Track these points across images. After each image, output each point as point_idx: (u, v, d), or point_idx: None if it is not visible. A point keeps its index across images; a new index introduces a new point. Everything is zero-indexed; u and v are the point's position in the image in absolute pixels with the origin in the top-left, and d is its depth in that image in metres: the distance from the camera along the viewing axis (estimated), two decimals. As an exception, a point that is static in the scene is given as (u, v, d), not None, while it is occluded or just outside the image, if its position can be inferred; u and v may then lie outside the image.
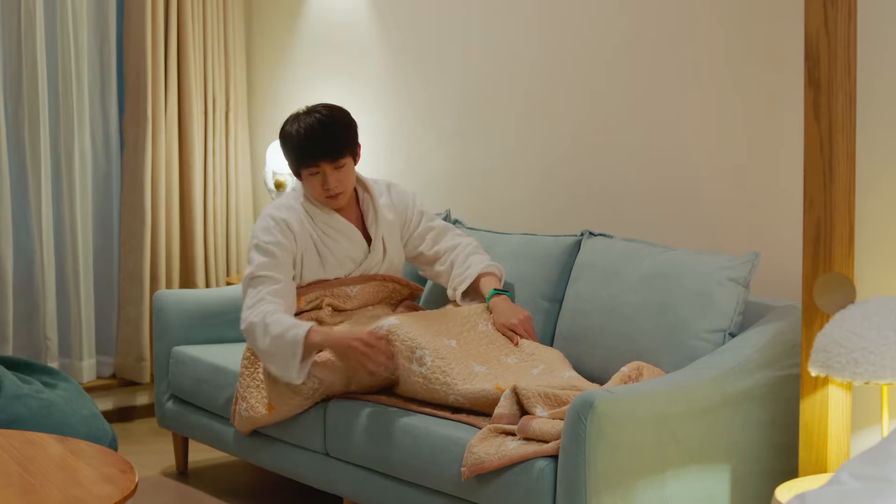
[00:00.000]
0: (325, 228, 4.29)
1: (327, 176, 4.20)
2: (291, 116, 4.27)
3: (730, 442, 3.48)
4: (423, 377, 3.84)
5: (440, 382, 3.81)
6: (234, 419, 4.34)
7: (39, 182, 5.49)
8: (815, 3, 3.19)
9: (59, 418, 4.39)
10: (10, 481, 3.29)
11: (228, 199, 5.99)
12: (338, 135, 4.19)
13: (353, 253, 4.33)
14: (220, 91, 5.93)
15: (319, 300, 4.26)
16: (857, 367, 2.97)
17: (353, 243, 4.33)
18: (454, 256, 4.39)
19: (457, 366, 3.85)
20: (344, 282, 4.31)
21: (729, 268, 3.74)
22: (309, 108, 4.26)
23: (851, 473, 2.33)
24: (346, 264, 4.33)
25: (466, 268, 4.33)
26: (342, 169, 4.22)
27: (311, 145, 4.18)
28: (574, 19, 4.63)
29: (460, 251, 4.39)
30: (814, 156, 3.23)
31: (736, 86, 4.10)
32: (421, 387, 3.86)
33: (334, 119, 4.22)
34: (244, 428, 4.31)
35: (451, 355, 3.88)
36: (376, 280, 4.36)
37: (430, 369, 3.84)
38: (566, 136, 4.69)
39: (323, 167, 4.19)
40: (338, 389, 4.08)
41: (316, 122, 4.19)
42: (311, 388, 4.08)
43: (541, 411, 3.52)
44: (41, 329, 5.57)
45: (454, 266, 4.37)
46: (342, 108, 4.31)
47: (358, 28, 5.56)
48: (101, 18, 5.72)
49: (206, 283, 5.88)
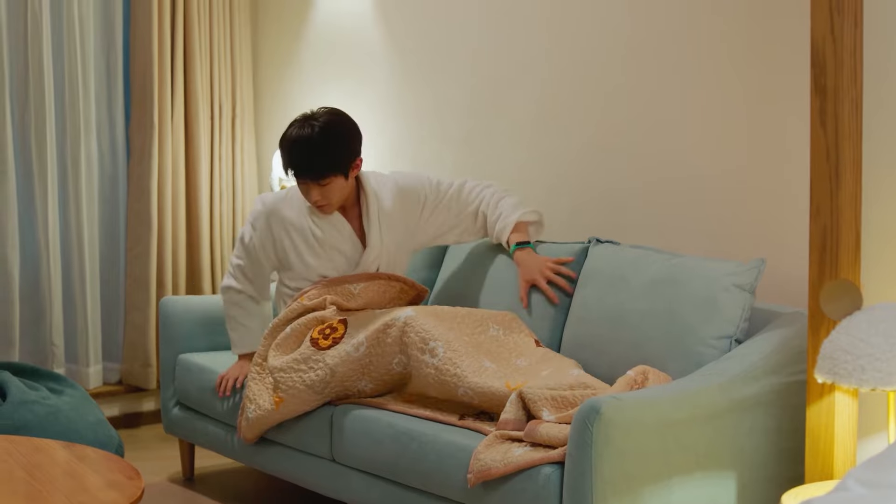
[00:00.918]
0: (315, 218, 4.36)
1: (311, 191, 4.27)
2: (295, 119, 4.32)
3: (736, 448, 3.47)
4: (435, 368, 3.85)
5: (450, 374, 3.82)
6: (241, 427, 4.33)
7: (46, 188, 5.50)
8: (822, 10, 3.19)
9: (66, 424, 4.39)
10: (16, 487, 3.29)
11: (235, 206, 5.99)
12: (320, 159, 4.22)
13: (340, 245, 4.37)
14: (227, 97, 5.94)
15: (323, 298, 4.28)
16: (864, 373, 2.96)
17: (341, 236, 4.37)
18: (483, 208, 4.49)
19: (467, 358, 3.86)
20: (347, 279, 4.34)
21: (735, 274, 3.74)
22: (309, 116, 4.30)
23: (858, 480, 2.33)
24: (335, 257, 4.37)
25: (497, 217, 4.43)
26: (327, 186, 4.26)
27: (294, 163, 4.26)
28: (581, 25, 4.63)
29: (487, 201, 4.48)
30: (820, 163, 3.23)
31: (742, 92, 4.10)
32: (433, 378, 3.87)
33: (325, 138, 4.23)
34: (251, 433, 4.30)
35: (463, 348, 3.89)
36: (381, 279, 4.38)
37: (442, 360, 3.85)
38: (573, 143, 4.69)
39: (306, 182, 4.26)
40: (350, 384, 4.07)
41: (304, 140, 4.23)
42: (322, 380, 4.06)
43: (548, 415, 3.51)
44: (47, 335, 5.58)
45: (487, 218, 4.47)
46: (342, 121, 4.32)
47: (364, 33, 5.57)
48: (108, 25, 5.73)
49: (212, 290, 5.89)
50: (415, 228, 4.50)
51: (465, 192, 4.52)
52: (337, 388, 4.08)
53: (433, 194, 4.51)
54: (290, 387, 4.10)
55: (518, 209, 4.41)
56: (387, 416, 3.90)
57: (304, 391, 4.09)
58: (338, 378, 4.05)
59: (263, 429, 4.29)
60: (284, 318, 4.28)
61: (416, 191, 4.50)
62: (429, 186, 4.52)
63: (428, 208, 4.50)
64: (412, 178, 4.54)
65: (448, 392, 3.85)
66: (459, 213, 4.52)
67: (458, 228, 4.55)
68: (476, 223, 4.52)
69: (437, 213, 4.51)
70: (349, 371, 4.04)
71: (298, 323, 4.22)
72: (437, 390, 3.89)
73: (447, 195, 4.52)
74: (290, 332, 4.22)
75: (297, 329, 4.22)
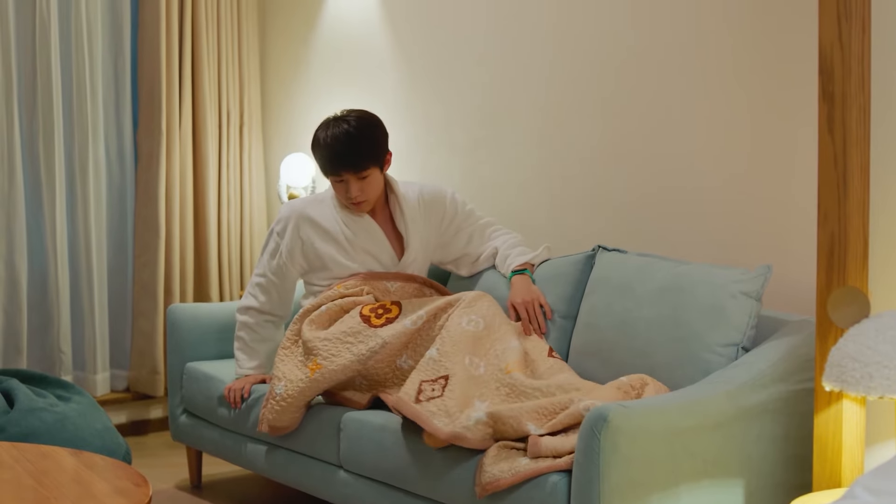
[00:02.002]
0: (347, 221, 4.39)
1: (350, 185, 4.30)
2: (324, 122, 4.36)
3: (744, 456, 3.47)
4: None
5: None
6: (264, 418, 4.23)
7: (54, 195, 5.51)
8: (830, 17, 3.19)
9: (74, 431, 4.39)
10: (24, 495, 3.30)
11: (242, 213, 6.00)
12: (362, 148, 4.27)
13: (372, 249, 4.40)
14: (235, 104, 5.95)
15: (360, 289, 4.30)
16: (872, 381, 2.96)
17: (373, 240, 4.41)
18: (498, 245, 4.52)
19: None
20: (385, 276, 4.37)
21: (742, 281, 3.74)
22: (340, 116, 4.35)
23: (866, 488, 2.33)
24: (367, 260, 4.39)
25: (507, 255, 4.45)
26: (366, 179, 4.31)
27: (335, 157, 4.28)
28: (587, 34, 4.64)
29: (504, 239, 4.52)
30: (828, 170, 3.23)
31: (748, 99, 4.10)
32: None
33: (361, 131, 4.29)
34: (283, 417, 4.19)
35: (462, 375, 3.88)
36: (417, 282, 4.42)
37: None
38: (580, 151, 4.69)
39: (346, 177, 4.29)
40: (391, 360, 4.06)
41: (342, 134, 4.27)
42: (371, 349, 4.04)
43: (535, 428, 3.51)
44: (55, 342, 5.58)
45: (498, 254, 4.51)
46: (372, 118, 4.38)
47: (372, 41, 5.57)
48: (116, 31, 5.75)
49: (219, 297, 5.89)
50: (436, 240, 4.53)
51: (490, 229, 4.58)
52: (381, 362, 4.05)
53: (461, 216, 4.55)
54: (335, 354, 4.08)
55: (529, 255, 4.44)
56: (395, 424, 3.90)
57: (348, 358, 4.06)
58: (386, 350, 4.03)
59: (295, 408, 4.17)
60: (318, 302, 4.30)
61: (439, 201, 4.53)
62: (451, 203, 4.54)
63: (452, 224, 4.53)
64: (435, 190, 4.56)
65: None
66: (479, 246, 4.55)
67: (469, 259, 4.58)
68: (487, 260, 4.55)
69: (459, 237, 4.55)
70: (399, 344, 4.04)
71: (334, 303, 4.25)
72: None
73: (475, 223, 4.56)
74: (325, 310, 4.24)
75: (332, 308, 4.24)
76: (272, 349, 4.50)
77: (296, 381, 4.14)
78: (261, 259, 4.52)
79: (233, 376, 4.56)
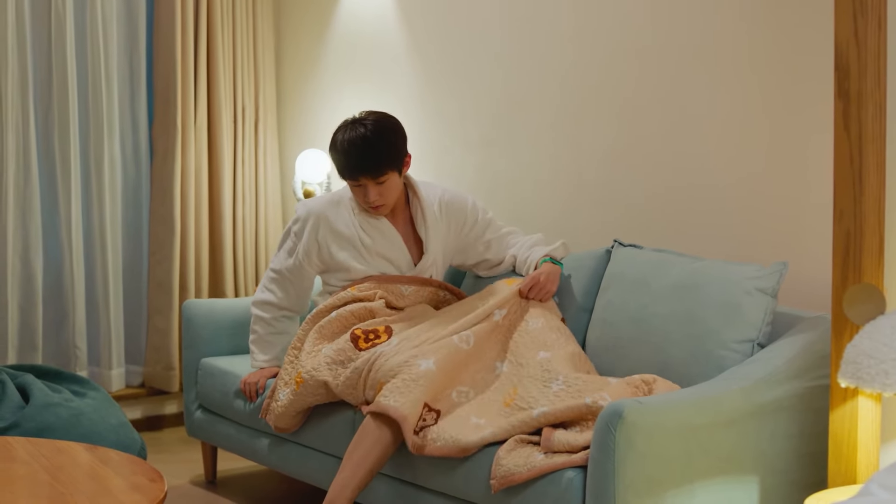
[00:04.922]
0: (364, 225, 4.36)
1: (368, 190, 4.27)
2: (342, 124, 4.31)
3: (758, 453, 3.47)
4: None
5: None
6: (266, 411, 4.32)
7: (69, 190, 5.52)
8: (845, 14, 3.18)
9: (89, 427, 4.40)
10: (39, 490, 3.30)
11: (258, 209, 6.00)
12: (378, 154, 4.22)
13: (388, 254, 4.38)
14: (250, 100, 5.95)
15: (373, 292, 4.29)
16: (887, 378, 2.95)
17: (390, 245, 4.38)
18: (516, 251, 4.47)
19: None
20: (400, 279, 4.36)
21: (757, 278, 3.73)
22: (358, 118, 4.30)
23: (881, 485, 2.33)
24: (382, 264, 4.37)
25: (528, 255, 4.40)
26: (384, 184, 4.27)
27: (352, 162, 4.23)
28: (602, 32, 4.63)
29: (521, 244, 4.48)
30: (843, 167, 3.22)
31: (763, 97, 4.09)
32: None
33: (379, 136, 4.24)
34: (283, 419, 4.25)
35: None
36: (432, 286, 4.41)
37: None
38: (595, 148, 4.69)
39: (364, 182, 4.25)
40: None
41: (359, 138, 4.22)
42: (356, 370, 4.05)
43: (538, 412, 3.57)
44: (70, 338, 5.59)
45: (517, 258, 4.46)
46: (391, 121, 4.32)
47: (387, 37, 5.57)
48: (131, 27, 5.75)
49: (234, 293, 5.90)
50: (454, 245, 4.51)
51: (511, 237, 4.54)
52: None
53: (482, 223, 4.51)
54: (316, 369, 4.11)
55: (548, 248, 4.38)
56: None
57: (325, 375, 4.09)
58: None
59: (291, 415, 4.24)
60: (331, 305, 4.30)
61: (460, 208, 4.50)
62: (472, 210, 4.51)
63: (472, 232, 4.50)
64: (456, 196, 4.53)
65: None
66: (498, 253, 4.52)
67: (487, 264, 4.55)
68: (506, 263, 4.52)
69: (478, 244, 4.52)
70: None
71: (345, 310, 4.24)
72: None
73: (496, 231, 4.53)
74: (334, 316, 4.24)
75: (342, 315, 4.23)
76: (287, 342, 4.50)
77: (288, 391, 4.21)
78: (277, 254, 4.51)
79: (248, 371, 4.56)
